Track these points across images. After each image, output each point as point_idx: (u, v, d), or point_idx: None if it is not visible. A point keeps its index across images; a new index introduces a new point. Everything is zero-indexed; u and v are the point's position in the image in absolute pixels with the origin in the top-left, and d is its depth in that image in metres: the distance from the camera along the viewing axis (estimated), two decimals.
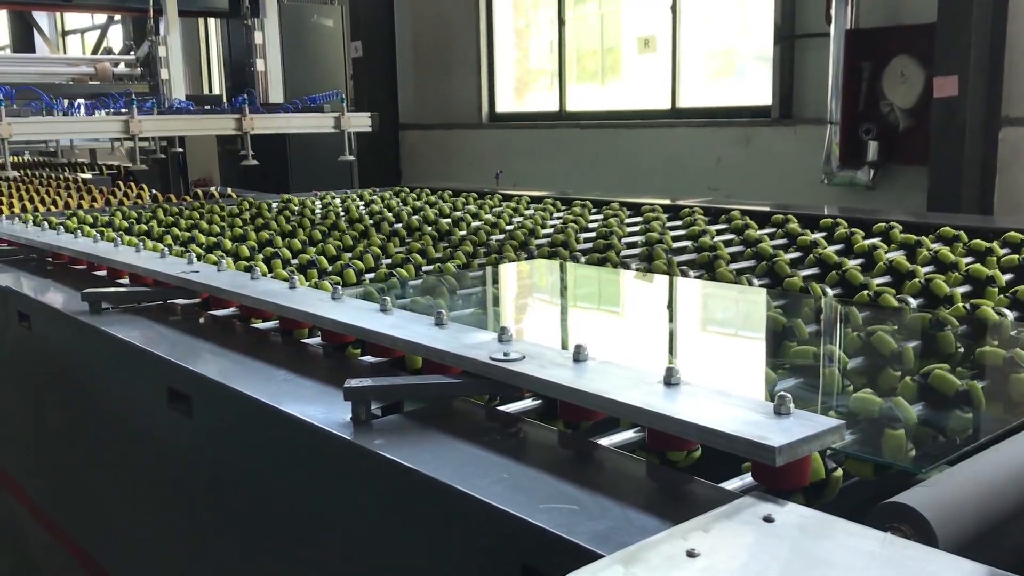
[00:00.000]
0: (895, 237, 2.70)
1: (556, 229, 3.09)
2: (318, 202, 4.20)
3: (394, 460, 1.13)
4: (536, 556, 0.96)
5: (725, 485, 1.05)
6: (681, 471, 1.12)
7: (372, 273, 2.49)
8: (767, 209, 3.32)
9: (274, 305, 1.79)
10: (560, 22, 9.02)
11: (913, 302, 1.96)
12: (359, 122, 5.22)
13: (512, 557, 0.99)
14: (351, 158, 5.18)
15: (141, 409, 1.86)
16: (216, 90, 12.76)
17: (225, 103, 6.39)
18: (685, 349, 1.96)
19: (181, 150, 6.66)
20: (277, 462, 1.42)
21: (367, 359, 1.62)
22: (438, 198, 4.21)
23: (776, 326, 1.72)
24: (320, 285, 2.11)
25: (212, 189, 5.30)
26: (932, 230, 2.74)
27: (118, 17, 12.35)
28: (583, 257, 2.68)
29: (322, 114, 5.16)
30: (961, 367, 1.54)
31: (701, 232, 2.90)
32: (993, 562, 0.81)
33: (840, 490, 1.11)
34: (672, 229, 3.10)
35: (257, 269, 2.03)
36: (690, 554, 0.80)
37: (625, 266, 2.54)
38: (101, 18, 13.82)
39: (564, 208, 3.75)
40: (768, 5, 7.07)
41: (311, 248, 2.85)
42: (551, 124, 9.09)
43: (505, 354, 1.30)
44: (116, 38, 13.04)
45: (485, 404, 1.38)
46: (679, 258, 2.57)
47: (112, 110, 5.12)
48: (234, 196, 4.83)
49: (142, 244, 2.52)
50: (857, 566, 0.80)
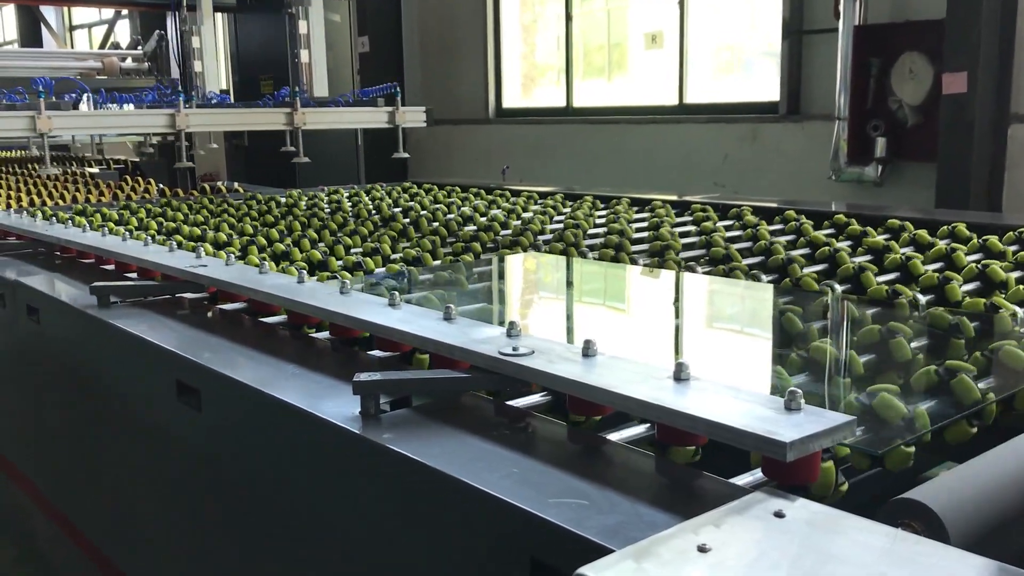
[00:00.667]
0: (904, 233, 2.69)
1: (563, 225, 3.09)
2: (325, 198, 4.20)
3: (403, 454, 1.13)
4: (545, 550, 0.96)
5: (735, 480, 1.05)
6: (690, 466, 1.12)
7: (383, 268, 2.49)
8: (775, 205, 3.31)
9: (282, 299, 1.79)
10: (567, 17, 9.00)
11: (923, 298, 1.96)
12: (413, 117, 4.90)
13: (521, 551, 0.99)
14: (405, 155, 4.84)
15: (150, 403, 1.86)
16: (223, 84, 12.75)
17: (232, 98, 6.32)
18: (686, 343, 1.96)
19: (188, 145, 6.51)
20: (285, 456, 1.42)
21: (375, 353, 1.62)
22: (445, 194, 4.21)
23: (790, 325, 1.72)
24: (319, 277, 2.11)
25: (219, 184, 5.29)
26: (940, 227, 2.73)
27: (125, 12, 12.36)
28: (591, 253, 2.68)
29: (376, 108, 4.82)
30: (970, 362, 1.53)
31: (709, 229, 2.89)
32: (1004, 558, 0.80)
33: (850, 486, 1.11)
34: (679, 225, 3.09)
35: (266, 264, 2.03)
36: (701, 549, 0.80)
37: (633, 262, 2.54)
38: (108, 13, 13.83)
39: (571, 204, 3.75)
40: (776, 1, 7.05)
41: (320, 244, 2.86)
42: (558, 120, 9.08)
43: (514, 349, 1.30)
44: (123, 33, 13.05)
45: (493, 398, 1.38)
46: (686, 254, 2.57)
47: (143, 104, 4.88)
48: (241, 191, 4.84)
49: (150, 239, 2.52)
50: (868, 562, 0.79)
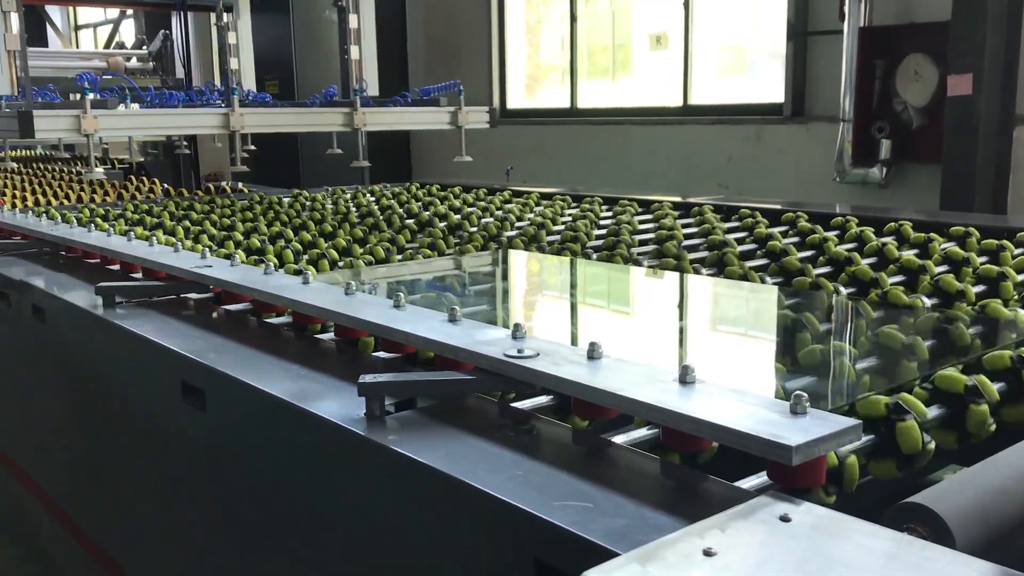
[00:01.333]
0: (907, 235, 2.69)
1: (567, 226, 3.09)
2: (328, 199, 4.21)
3: (408, 456, 1.13)
4: (550, 553, 0.96)
5: (740, 484, 1.05)
6: (695, 469, 1.12)
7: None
8: (779, 207, 3.31)
9: (287, 300, 1.80)
10: (572, 18, 9.00)
11: (927, 301, 1.95)
12: (476, 117, 4.56)
13: (526, 553, 0.99)
14: (468, 159, 4.52)
15: (154, 403, 1.86)
16: (231, 84, 12.76)
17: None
18: (678, 342, 1.96)
19: (188, 150, 6.34)
20: (290, 456, 1.42)
21: (380, 355, 1.62)
22: (449, 194, 4.22)
23: (792, 325, 1.72)
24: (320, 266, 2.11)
25: (223, 184, 5.30)
26: (945, 228, 2.73)
27: (130, 12, 12.37)
28: (595, 254, 2.68)
29: (438, 108, 4.52)
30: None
31: (712, 230, 2.89)
32: (1010, 563, 0.80)
33: (855, 489, 1.11)
34: (683, 227, 3.09)
35: (270, 264, 2.03)
36: (707, 553, 0.80)
37: (636, 263, 2.53)
38: (114, 13, 13.85)
39: (575, 205, 3.75)
40: (781, 2, 7.04)
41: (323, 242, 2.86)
42: (562, 121, 9.08)
43: (519, 351, 1.30)
44: (128, 33, 13.07)
45: (498, 400, 1.38)
46: (690, 255, 2.57)
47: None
48: (246, 191, 4.84)
49: (155, 239, 2.52)
50: (874, 567, 0.79)
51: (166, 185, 5.34)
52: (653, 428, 1.21)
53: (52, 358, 2.46)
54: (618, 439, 1.19)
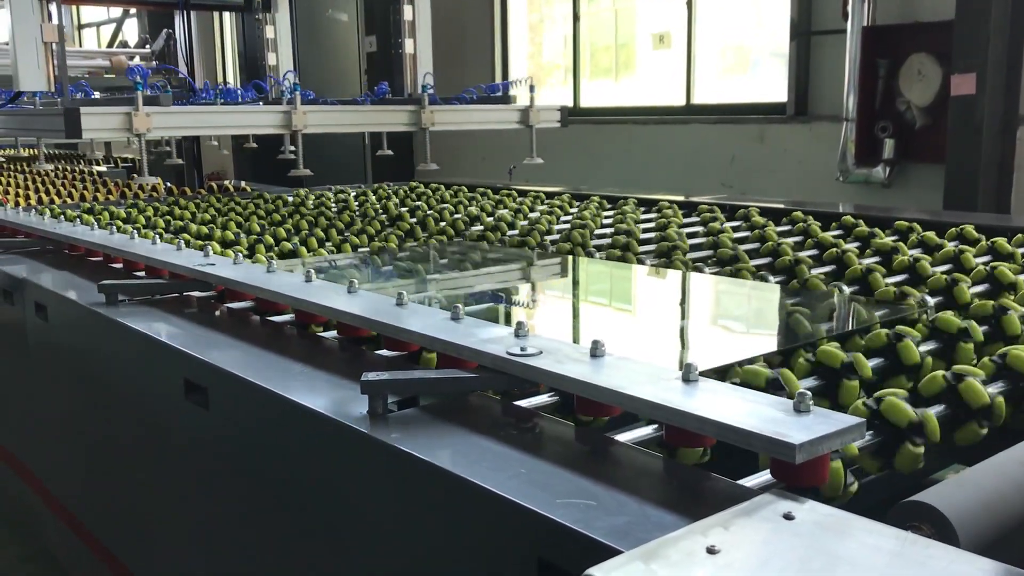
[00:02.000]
0: (911, 235, 2.69)
1: (570, 225, 3.09)
2: (332, 197, 4.21)
3: (411, 454, 1.13)
4: (553, 551, 0.96)
5: (743, 482, 1.05)
6: (698, 467, 1.12)
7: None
8: (782, 206, 3.31)
9: (290, 298, 1.80)
10: (575, 17, 9.00)
11: (931, 300, 1.95)
12: (548, 116, 4.21)
13: (529, 551, 0.99)
14: (538, 160, 4.18)
15: (157, 401, 1.86)
16: (230, 83, 12.78)
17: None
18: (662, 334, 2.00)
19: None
20: (293, 455, 1.42)
21: (383, 353, 1.62)
22: (451, 194, 4.22)
23: (796, 325, 1.72)
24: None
25: (226, 183, 5.30)
26: (948, 228, 2.72)
27: (134, 11, 12.38)
28: (598, 253, 2.67)
29: (508, 107, 4.17)
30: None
31: (716, 229, 2.89)
32: (1014, 561, 0.80)
33: (859, 488, 1.11)
34: (686, 226, 3.09)
35: (273, 262, 2.03)
36: (710, 551, 0.80)
37: (640, 262, 2.53)
38: (117, 12, 13.85)
39: (578, 204, 3.75)
40: (784, 1, 7.04)
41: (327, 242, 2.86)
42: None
43: (522, 349, 1.30)
44: (132, 31, 13.09)
45: (501, 398, 1.38)
46: (693, 255, 2.56)
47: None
48: (249, 190, 4.85)
49: (158, 237, 2.53)
50: (878, 565, 0.79)
51: (169, 184, 5.34)
52: (656, 426, 1.21)
53: (55, 356, 2.46)
54: (621, 437, 1.19)
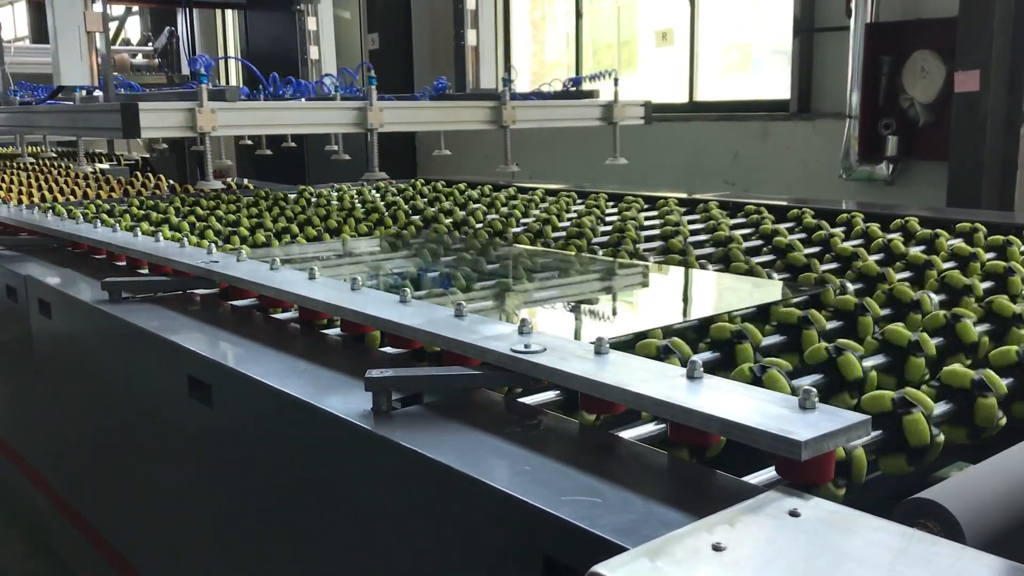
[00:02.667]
0: (913, 231, 2.68)
1: (573, 222, 3.09)
2: (334, 194, 4.21)
3: (416, 451, 1.13)
4: (558, 548, 0.96)
5: (748, 479, 1.04)
6: (703, 464, 1.12)
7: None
8: (785, 203, 3.30)
9: (293, 295, 1.79)
10: (577, 15, 8.99)
11: (935, 298, 1.95)
12: (632, 112, 3.89)
13: (534, 548, 0.98)
14: (622, 160, 3.90)
15: (161, 398, 1.86)
16: (233, 81, 12.80)
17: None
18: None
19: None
20: (297, 452, 1.42)
21: (387, 350, 1.62)
22: (454, 191, 4.21)
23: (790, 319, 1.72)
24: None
25: (229, 180, 5.30)
26: (951, 225, 2.72)
27: (136, 9, 12.39)
28: (600, 250, 2.67)
29: (591, 102, 3.86)
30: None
31: (719, 227, 2.88)
32: (1021, 559, 0.80)
33: (863, 485, 1.11)
34: (689, 223, 3.09)
35: (277, 259, 2.03)
36: (716, 548, 0.80)
37: (643, 259, 2.53)
38: (119, 10, 13.85)
39: (580, 201, 3.75)
40: None
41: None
42: None
43: (526, 346, 1.30)
44: (134, 29, 13.09)
45: (505, 395, 1.38)
46: (697, 252, 2.56)
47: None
48: (251, 187, 4.85)
49: (161, 234, 2.53)
50: (884, 562, 0.79)
51: (172, 182, 5.34)
52: (661, 423, 1.21)
53: (59, 354, 2.46)
54: (625, 434, 1.19)
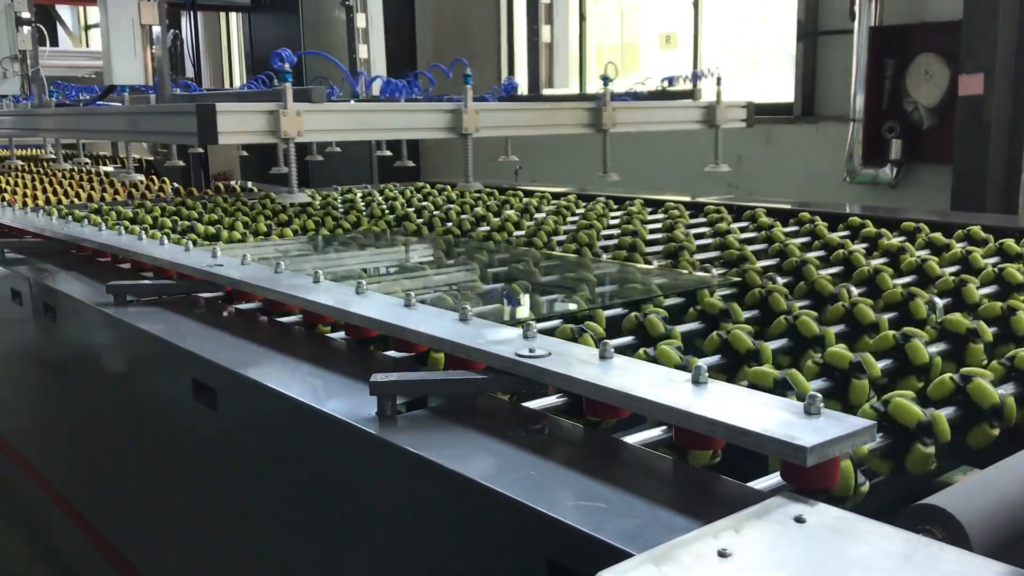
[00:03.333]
0: (919, 236, 2.68)
1: (577, 226, 3.09)
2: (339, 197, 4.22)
3: (420, 455, 1.13)
4: (563, 553, 0.96)
5: (753, 484, 1.04)
6: (707, 470, 1.12)
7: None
8: (789, 207, 3.30)
9: (297, 299, 1.80)
10: (581, 17, 8.99)
11: (940, 301, 1.95)
12: (734, 115, 3.53)
13: (538, 553, 0.98)
14: (724, 168, 3.55)
15: (165, 401, 1.87)
16: (237, 83, 12.81)
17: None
18: None
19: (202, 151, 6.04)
20: (301, 455, 1.42)
21: (391, 354, 1.62)
22: (458, 194, 4.22)
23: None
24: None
25: (233, 184, 5.31)
26: (956, 229, 2.71)
27: None
28: (604, 254, 2.67)
29: (692, 103, 3.54)
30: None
31: (723, 230, 2.88)
32: None
33: (870, 490, 1.11)
34: (693, 227, 3.08)
35: (281, 263, 2.03)
36: (721, 554, 0.80)
37: (647, 263, 2.53)
38: None
39: (584, 205, 3.75)
40: (791, 1, 7.02)
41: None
42: None
43: (531, 351, 1.30)
44: None
45: (509, 400, 1.38)
46: (700, 255, 2.56)
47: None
48: (256, 191, 4.85)
49: (166, 237, 2.53)
50: (890, 568, 0.79)
51: (176, 184, 5.35)
52: (666, 428, 1.21)
53: (63, 357, 2.46)
54: (630, 439, 1.19)
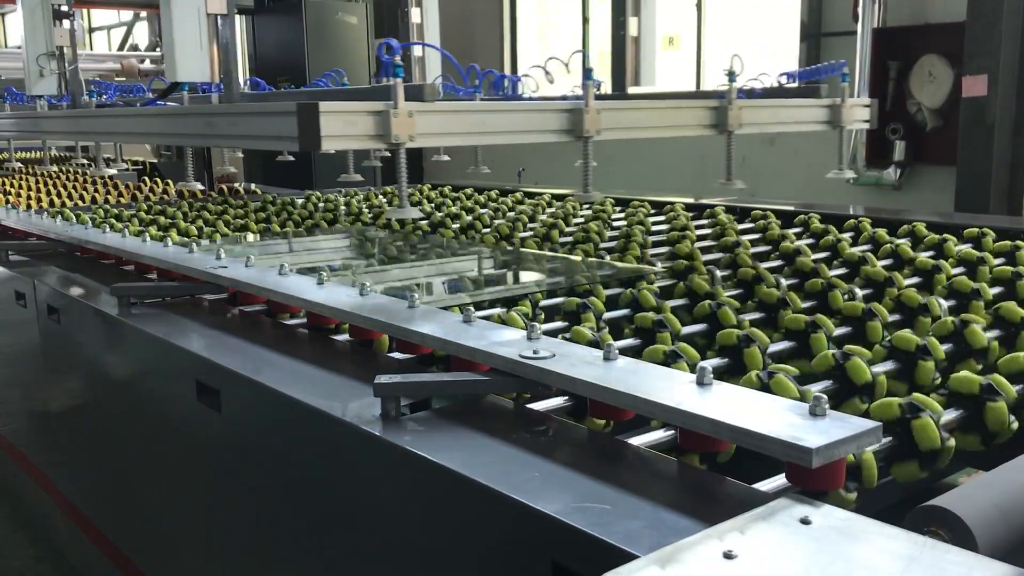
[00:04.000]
0: (921, 235, 2.68)
1: (579, 227, 3.09)
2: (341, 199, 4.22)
3: (425, 457, 1.13)
4: (567, 554, 0.95)
5: (758, 486, 1.04)
6: (712, 470, 1.12)
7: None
8: (792, 208, 3.30)
9: (300, 301, 1.80)
10: (584, 20, 8.99)
11: (944, 303, 1.94)
12: (859, 115, 3.25)
13: (543, 555, 0.98)
14: (849, 173, 3.30)
15: (170, 403, 1.87)
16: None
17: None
18: None
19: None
20: (305, 457, 1.42)
21: (395, 355, 1.62)
22: (461, 196, 4.22)
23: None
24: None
25: (236, 185, 5.31)
26: (960, 231, 2.71)
27: (144, 14, 12.43)
28: (607, 255, 2.67)
29: (816, 101, 3.24)
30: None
31: (727, 232, 2.88)
32: None
33: (873, 492, 1.10)
34: (697, 228, 3.08)
35: (285, 265, 2.03)
36: (727, 556, 0.80)
37: (651, 264, 2.53)
38: (127, 15, 13.92)
39: (587, 206, 3.75)
40: (794, 3, 7.02)
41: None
42: None
43: (535, 352, 1.30)
44: (142, 35, 13.13)
45: (513, 401, 1.38)
46: (704, 257, 2.56)
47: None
48: (259, 193, 4.86)
49: (169, 240, 2.53)
50: (896, 570, 0.79)
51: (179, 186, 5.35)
52: (670, 430, 1.21)
53: (67, 358, 2.47)
54: (634, 441, 1.19)
